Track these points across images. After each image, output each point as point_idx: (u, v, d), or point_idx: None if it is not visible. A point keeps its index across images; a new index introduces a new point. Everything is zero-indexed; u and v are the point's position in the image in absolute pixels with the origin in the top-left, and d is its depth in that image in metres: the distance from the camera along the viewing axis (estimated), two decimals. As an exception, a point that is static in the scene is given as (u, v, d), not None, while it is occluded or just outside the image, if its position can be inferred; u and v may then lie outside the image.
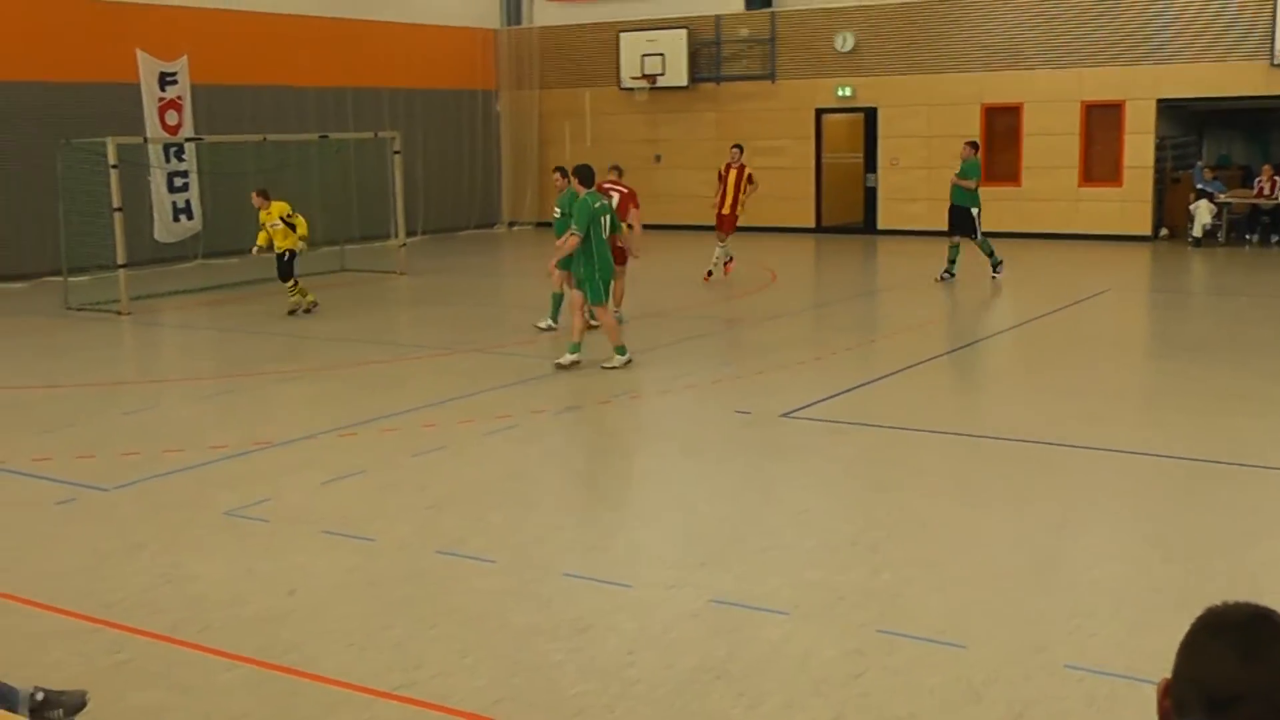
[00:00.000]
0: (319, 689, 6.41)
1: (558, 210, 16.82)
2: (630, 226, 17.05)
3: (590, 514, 9.50)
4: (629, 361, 14.21)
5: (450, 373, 14.71)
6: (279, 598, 7.63)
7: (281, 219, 18.64)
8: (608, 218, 14.37)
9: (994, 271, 21.85)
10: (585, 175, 14.57)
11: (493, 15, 33.86)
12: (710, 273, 21.87)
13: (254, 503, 9.50)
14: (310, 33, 28.20)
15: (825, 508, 9.49)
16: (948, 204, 22.16)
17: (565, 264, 14.94)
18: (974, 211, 21.75)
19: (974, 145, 22.33)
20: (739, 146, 22.56)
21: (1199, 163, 27.93)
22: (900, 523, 9.03)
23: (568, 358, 14.23)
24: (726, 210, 21.93)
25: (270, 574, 8.03)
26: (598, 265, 14.17)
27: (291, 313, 18.93)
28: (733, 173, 21.98)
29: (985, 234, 21.85)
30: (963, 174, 21.79)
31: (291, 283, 18.99)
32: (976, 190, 21.85)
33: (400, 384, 14.25)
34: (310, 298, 19.28)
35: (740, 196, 21.92)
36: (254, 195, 18.97)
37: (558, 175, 17.50)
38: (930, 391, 13.70)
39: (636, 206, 18.21)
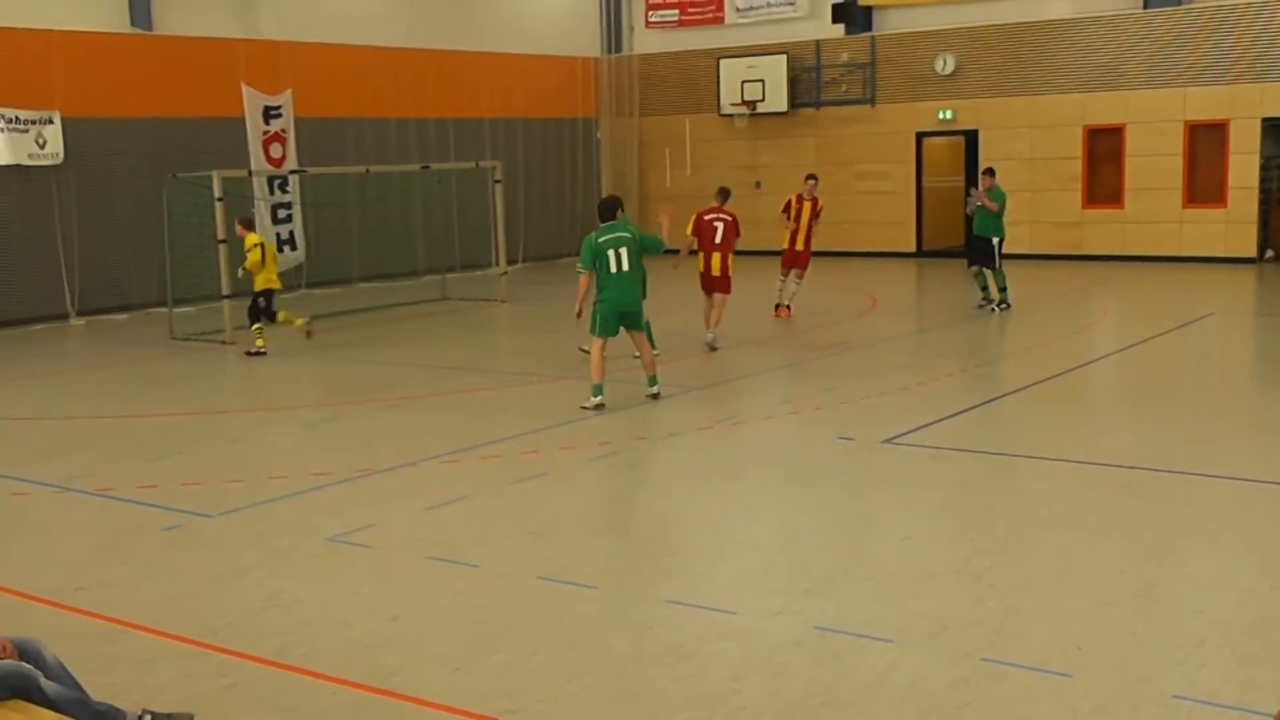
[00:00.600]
0: (423, 713, 6.44)
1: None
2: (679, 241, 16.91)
3: (692, 540, 9.48)
4: (600, 405, 13.67)
5: (551, 400, 14.74)
6: (383, 622, 7.68)
7: (246, 249, 18.44)
8: (624, 250, 13.81)
9: (999, 305, 21.12)
10: (604, 209, 14.32)
11: (593, 44, 34.07)
12: (788, 307, 20.78)
13: (357, 529, 9.58)
14: (411, 65, 28.53)
15: (928, 534, 9.40)
16: (971, 232, 21.87)
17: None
18: (995, 241, 21.24)
19: (991, 172, 21.93)
20: (814, 177, 21.45)
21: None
22: (1005, 550, 8.92)
23: (591, 399, 13.84)
24: (800, 246, 20.85)
25: (374, 599, 8.08)
26: (603, 298, 13.85)
27: (250, 353, 18.45)
28: (806, 206, 20.85)
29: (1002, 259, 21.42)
30: (992, 199, 21.16)
31: (256, 326, 18.60)
32: (1000, 217, 21.26)
33: (502, 411, 14.33)
34: (299, 322, 19.21)
35: (811, 231, 20.90)
36: (237, 223, 18.90)
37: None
38: (1035, 417, 13.53)
39: (738, 235, 18.04)
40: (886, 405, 13.89)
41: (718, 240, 17.94)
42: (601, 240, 13.83)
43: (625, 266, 13.82)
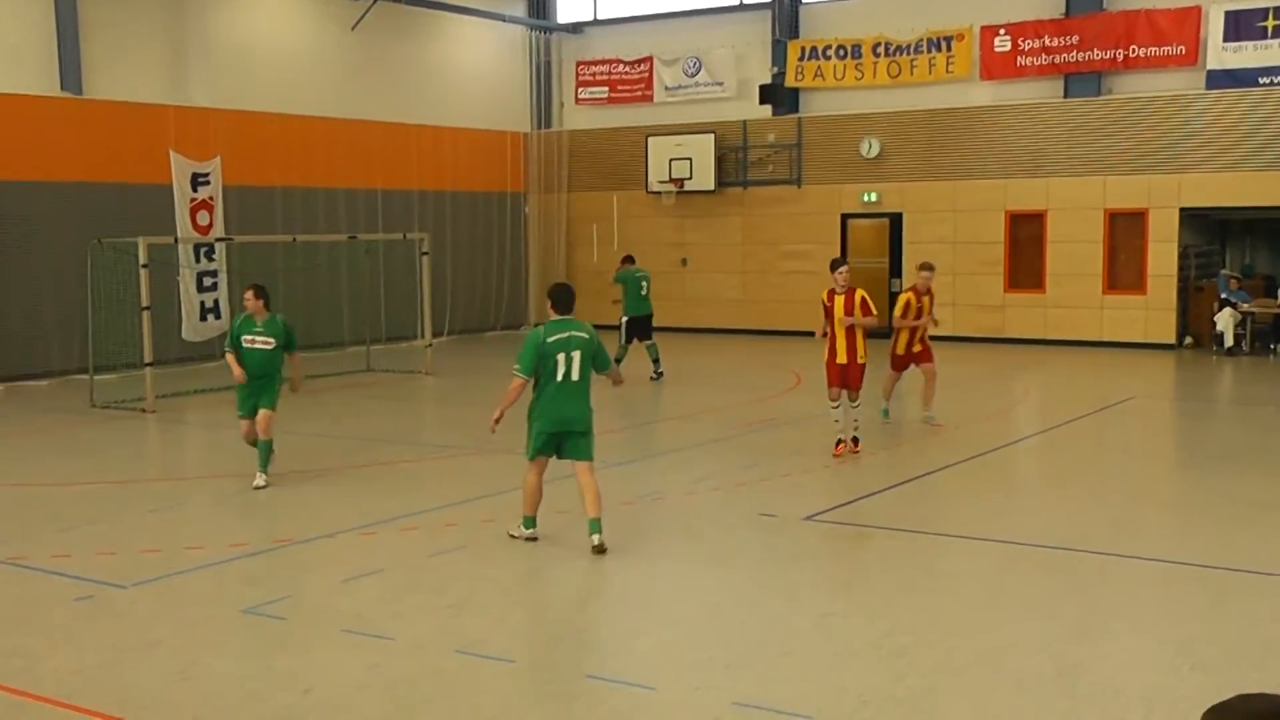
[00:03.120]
0: (334, 789, 6.33)
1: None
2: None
3: (612, 615, 9.42)
4: (533, 537, 11.34)
5: (474, 473, 14.67)
6: (296, 696, 7.56)
7: None
8: (577, 355, 11.07)
9: (658, 371, 22.80)
10: (558, 298, 11.36)
11: (523, 119, 34.26)
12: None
13: (273, 600, 9.46)
14: (342, 135, 28.57)
15: (849, 611, 9.39)
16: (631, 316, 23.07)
17: None
18: (623, 319, 23.02)
19: (629, 258, 23.92)
20: (930, 266, 18.55)
21: (1223, 272, 27.95)
22: (925, 628, 8.92)
23: (521, 530, 11.48)
24: (918, 345, 18.24)
25: (288, 672, 7.96)
26: (542, 411, 11.16)
27: None
28: (926, 302, 18.17)
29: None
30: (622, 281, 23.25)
31: None
32: (637, 296, 23.04)
33: (423, 483, 14.23)
34: None
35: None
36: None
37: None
38: (955, 496, 13.61)
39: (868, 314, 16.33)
40: (808, 483, 13.93)
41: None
42: (552, 340, 11.02)
43: (575, 375, 11.07)
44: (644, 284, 23.37)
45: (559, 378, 11.02)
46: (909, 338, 17.94)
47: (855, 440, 15.82)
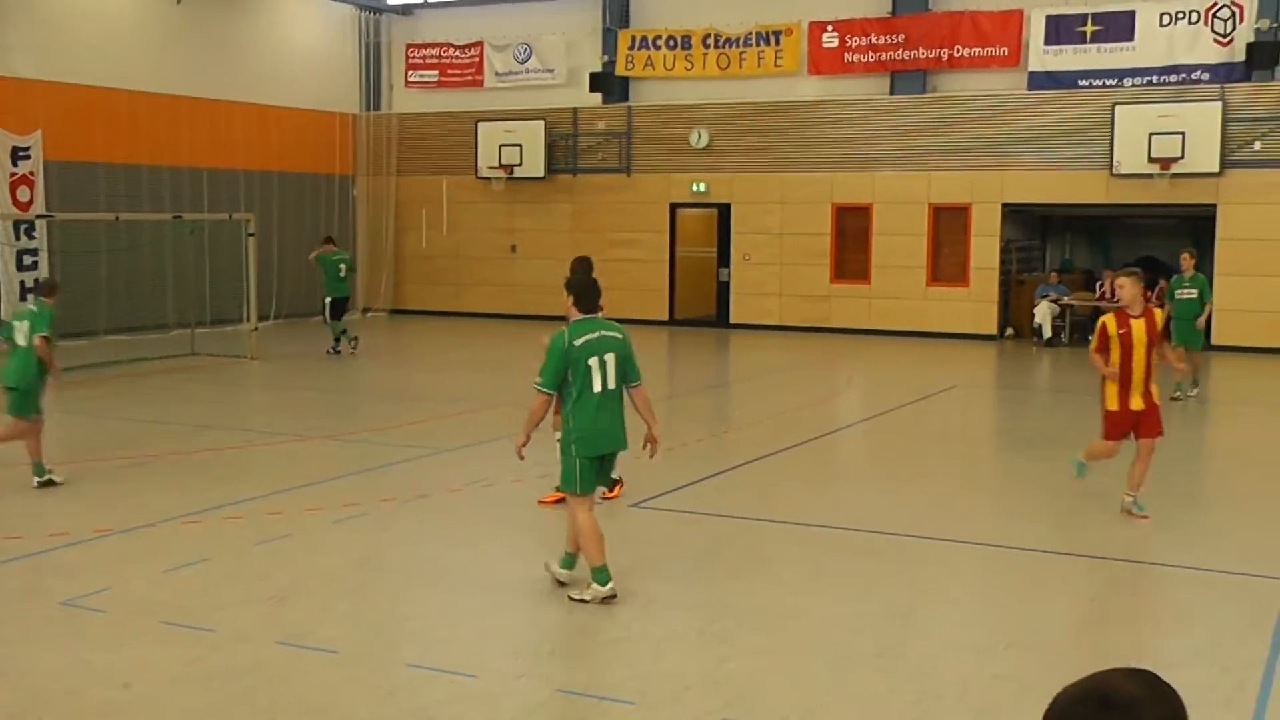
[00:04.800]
0: (154, 782, 6.26)
1: None
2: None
3: (436, 604, 9.41)
4: (613, 595, 9.11)
5: (299, 460, 14.53)
6: (115, 691, 7.45)
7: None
8: (611, 358, 9.33)
9: (335, 348, 24.22)
10: (584, 291, 9.61)
11: (352, 100, 33.88)
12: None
13: (92, 592, 9.28)
14: (168, 110, 27.98)
15: (673, 597, 9.50)
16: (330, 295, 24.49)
17: None
18: (327, 299, 24.45)
19: (330, 239, 25.38)
20: (1136, 270, 12.08)
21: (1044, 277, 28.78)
22: (748, 611, 9.08)
23: (561, 573, 9.55)
24: (1140, 401, 11.71)
25: (107, 666, 7.83)
26: (581, 432, 9.27)
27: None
28: (1139, 326, 11.55)
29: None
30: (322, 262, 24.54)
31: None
32: (336, 278, 24.36)
33: (247, 471, 14.06)
34: None
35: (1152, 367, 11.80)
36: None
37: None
38: (780, 483, 13.83)
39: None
40: (635, 470, 14.03)
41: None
42: (579, 344, 9.22)
43: (611, 384, 9.33)
44: (341, 266, 24.36)
45: (596, 388, 9.22)
46: (1117, 389, 11.77)
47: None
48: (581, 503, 9.27)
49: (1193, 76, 26.03)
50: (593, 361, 9.17)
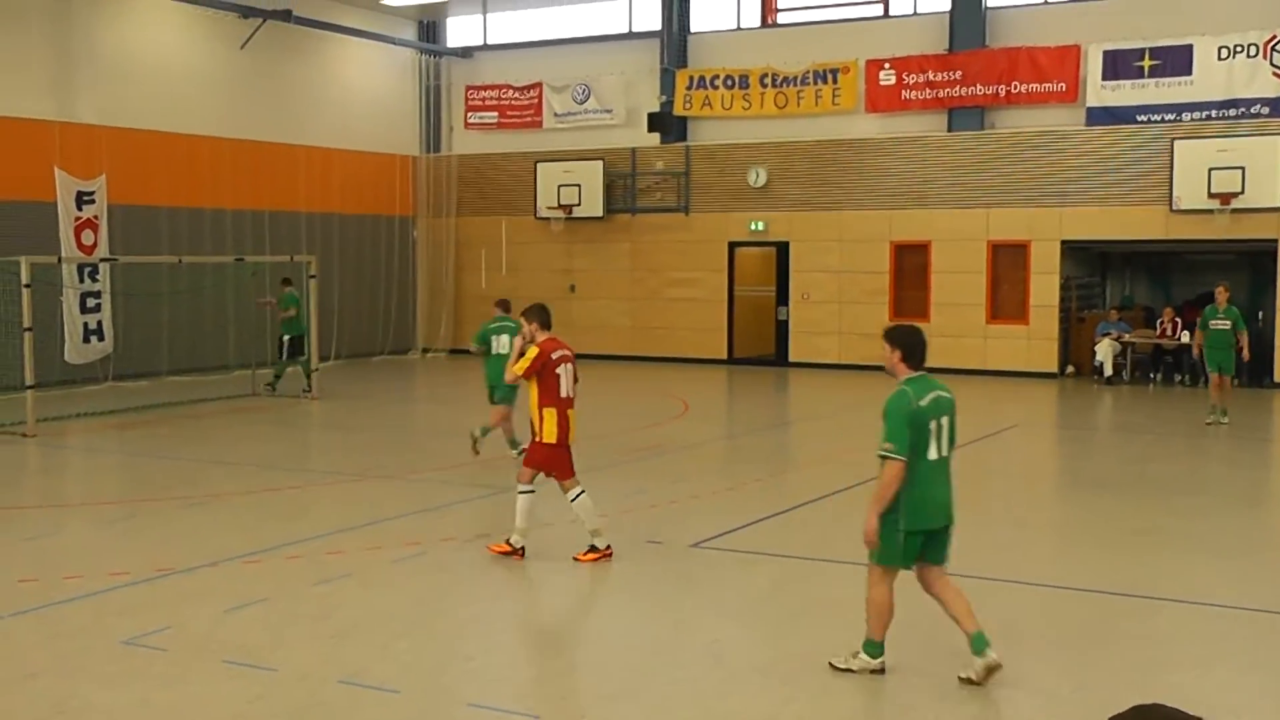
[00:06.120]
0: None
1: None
2: None
3: (497, 643, 9.39)
4: (881, 669, 8.51)
5: (359, 499, 14.57)
6: (177, 728, 7.46)
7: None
8: (946, 422, 8.53)
9: (274, 387, 24.42)
10: (912, 347, 8.70)
11: (412, 142, 34.15)
12: None
13: (153, 631, 9.31)
14: (230, 155, 28.30)
15: (736, 638, 9.44)
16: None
17: None
18: (285, 338, 24.60)
19: (287, 280, 25.11)
20: None
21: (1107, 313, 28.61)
22: (811, 653, 8.98)
23: (863, 661, 8.55)
24: None
25: (167, 704, 7.85)
26: (909, 504, 8.32)
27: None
28: None
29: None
30: (283, 305, 24.54)
31: None
32: (297, 318, 24.46)
33: (308, 510, 14.10)
34: None
35: None
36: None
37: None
38: (841, 522, 13.69)
39: None
40: (695, 509, 13.99)
41: None
42: (925, 404, 8.39)
43: (945, 450, 8.51)
44: (293, 309, 24.66)
45: (932, 455, 8.35)
46: None
47: None
48: (884, 576, 8.38)
49: (1252, 110, 25.82)
50: (933, 425, 8.31)
